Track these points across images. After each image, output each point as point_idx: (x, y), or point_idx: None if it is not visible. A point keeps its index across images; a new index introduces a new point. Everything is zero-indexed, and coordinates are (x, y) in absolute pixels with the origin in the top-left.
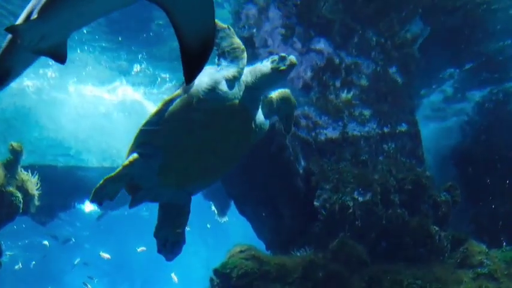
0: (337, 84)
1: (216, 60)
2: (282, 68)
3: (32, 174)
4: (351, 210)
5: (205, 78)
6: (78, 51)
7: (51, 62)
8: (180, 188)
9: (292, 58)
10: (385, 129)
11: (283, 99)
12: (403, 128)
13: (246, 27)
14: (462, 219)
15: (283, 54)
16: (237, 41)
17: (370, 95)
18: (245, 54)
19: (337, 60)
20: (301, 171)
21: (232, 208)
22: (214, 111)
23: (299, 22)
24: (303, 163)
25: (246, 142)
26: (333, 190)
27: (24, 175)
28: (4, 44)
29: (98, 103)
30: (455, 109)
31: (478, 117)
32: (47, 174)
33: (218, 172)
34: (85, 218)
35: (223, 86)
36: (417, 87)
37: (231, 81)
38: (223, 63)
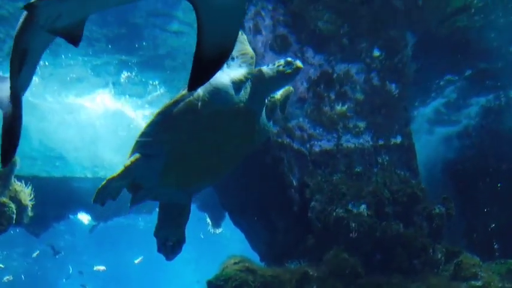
0: (332, 96)
1: None
2: (288, 71)
3: (26, 185)
4: (345, 222)
5: (211, 80)
6: (63, 56)
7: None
8: (181, 188)
9: (298, 62)
10: (380, 141)
11: (288, 98)
12: (398, 140)
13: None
14: (456, 231)
15: (289, 59)
16: (248, 48)
17: (364, 107)
18: (254, 61)
19: (331, 72)
20: (295, 182)
21: (227, 219)
22: (219, 114)
23: (293, 34)
24: (297, 175)
25: (249, 144)
26: (327, 202)
27: (17, 186)
28: (19, 23)
29: (82, 112)
30: (451, 120)
31: (472, 130)
32: (40, 185)
33: (220, 173)
34: (80, 228)
35: (229, 89)
36: (413, 98)
37: (237, 85)
38: (231, 66)
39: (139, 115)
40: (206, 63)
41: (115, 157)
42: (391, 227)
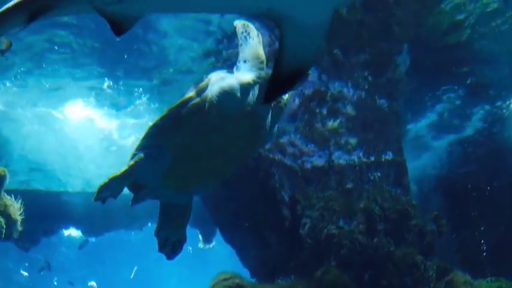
0: (324, 112)
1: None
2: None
3: (15, 199)
4: (336, 239)
5: (219, 82)
6: (44, 65)
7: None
8: (184, 189)
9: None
10: (371, 158)
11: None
12: (389, 156)
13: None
14: (448, 248)
15: None
16: (261, 52)
17: (356, 123)
18: (264, 66)
19: (323, 89)
20: (287, 199)
21: (218, 235)
22: (226, 116)
23: None
24: (288, 191)
25: (254, 147)
26: (319, 218)
27: (7, 200)
28: None
29: (64, 123)
30: (444, 136)
31: (463, 147)
32: (30, 199)
33: (222, 174)
34: (70, 243)
35: (237, 92)
36: (405, 114)
37: (246, 88)
38: (241, 69)
39: (122, 127)
40: (284, 78)
41: (99, 169)
42: (383, 244)
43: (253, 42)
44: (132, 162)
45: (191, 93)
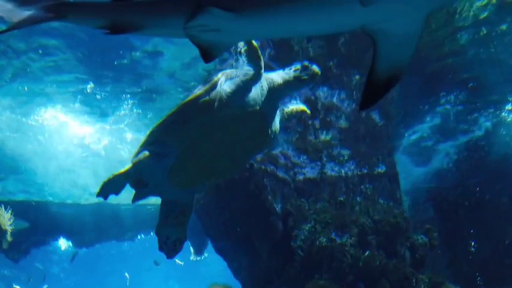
0: (317, 124)
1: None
2: (304, 77)
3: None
4: (328, 252)
5: (229, 81)
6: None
7: None
8: (187, 187)
9: (316, 68)
10: (364, 170)
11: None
12: (381, 169)
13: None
14: (440, 262)
15: (306, 63)
16: (260, 54)
17: (349, 135)
18: (262, 61)
19: (316, 101)
20: (279, 210)
21: (209, 246)
22: (234, 116)
23: (275, 62)
24: (281, 203)
25: (260, 147)
26: (311, 231)
27: None
28: (166, 2)
29: (40, 129)
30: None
31: (456, 162)
32: (21, 210)
33: (227, 173)
34: (60, 255)
35: (247, 91)
36: (400, 125)
37: (255, 88)
38: (248, 69)
39: (104, 134)
40: (378, 85)
41: (89, 180)
42: (374, 257)
43: (255, 44)
44: (136, 160)
45: (200, 91)
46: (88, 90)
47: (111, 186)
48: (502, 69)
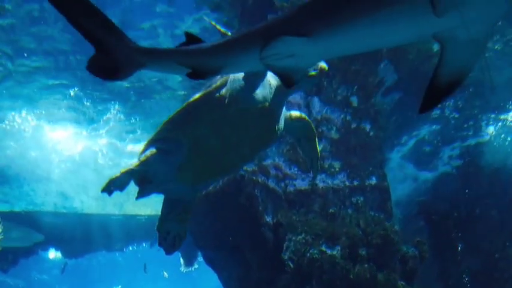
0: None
1: None
2: (312, 73)
3: None
4: (318, 264)
5: (240, 77)
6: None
7: None
8: (194, 185)
9: (323, 65)
10: (355, 182)
11: (301, 124)
12: (372, 181)
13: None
14: (430, 274)
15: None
16: None
17: (340, 147)
18: None
19: (307, 112)
20: (269, 222)
21: (200, 258)
22: (244, 112)
23: None
24: (271, 214)
25: (267, 143)
26: (301, 242)
27: None
28: (239, 40)
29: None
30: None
31: (447, 174)
32: (10, 220)
33: (232, 170)
34: (49, 265)
35: (256, 88)
36: (392, 137)
37: (265, 84)
38: None
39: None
40: (439, 90)
41: (74, 188)
42: (365, 269)
43: None
44: (143, 157)
45: (210, 88)
46: (72, 94)
47: (117, 183)
48: (491, 76)
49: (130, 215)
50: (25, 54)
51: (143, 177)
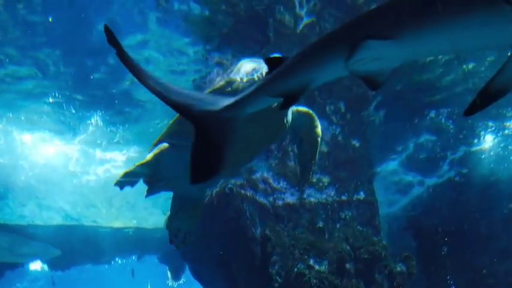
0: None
1: None
2: None
3: None
4: (306, 278)
5: (250, 72)
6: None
7: None
8: None
9: None
10: (343, 197)
11: (307, 120)
12: (361, 196)
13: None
14: None
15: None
16: None
17: (328, 162)
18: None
19: None
20: (257, 236)
21: (187, 272)
22: None
23: None
24: (259, 228)
25: (274, 138)
26: (289, 257)
27: None
28: (323, 49)
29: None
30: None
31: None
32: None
33: (240, 164)
34: (35, 278)
35: None
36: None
37: None
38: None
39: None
40: (489, 95)
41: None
42: (352, 285)
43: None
44: (157, 150)
45: (222, 82)
46: (51, 100)
47: (131, 175)
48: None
49: (118, 228)
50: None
51: (153, 174)
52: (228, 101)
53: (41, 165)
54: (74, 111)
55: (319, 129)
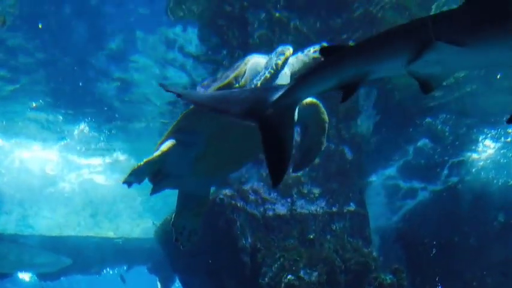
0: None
1: None
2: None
3: None
4: None
5: (258, 68)
6: None
7: None
8: (208, 177)
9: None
10: (334, 208)
11: (313, 110)
12: (352, 207)
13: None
14: None
15: (324, 44)
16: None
17: (319, 173)
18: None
19: None
20: (248, 246)
21: (177, 282)
22: None
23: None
24: (250, 239)
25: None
26: (279, 268)
27: None
28: (387, 43)
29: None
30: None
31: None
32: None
33: (244, 162)
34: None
35: (275, 78)
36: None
37: (282, 76)
38: (275, 57)
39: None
40: None
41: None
42: None
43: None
44: (164, 148)
45: (229, 78)
46: (34, 105)
47: (139, 172)
48: None
49: (107, 238)
50: None
51: (159, 171)
52: (276, 90)
53: (18, 171)
54: (61, 117)
55: (326, 116)
